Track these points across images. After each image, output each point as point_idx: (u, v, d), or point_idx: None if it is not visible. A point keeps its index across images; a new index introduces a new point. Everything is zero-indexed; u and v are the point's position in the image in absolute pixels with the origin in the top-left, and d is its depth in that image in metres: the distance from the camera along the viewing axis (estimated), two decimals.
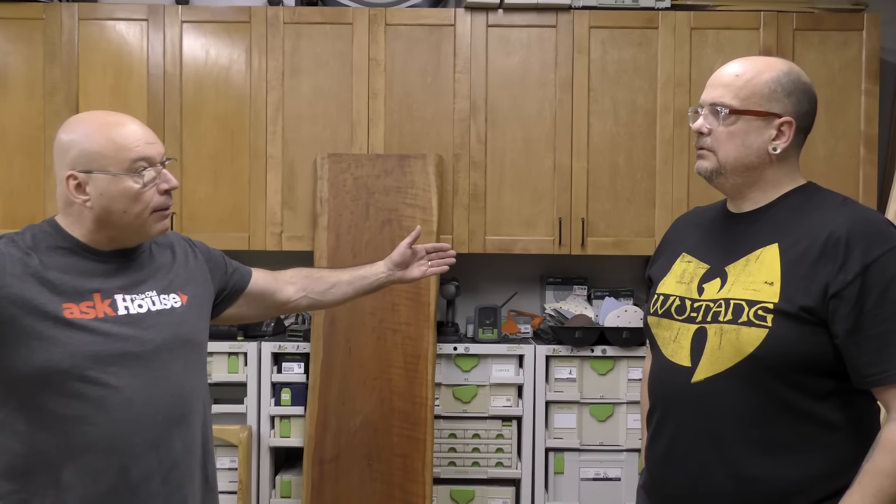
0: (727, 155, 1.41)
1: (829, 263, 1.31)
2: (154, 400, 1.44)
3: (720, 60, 2.85)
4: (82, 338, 1.38)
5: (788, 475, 1.33)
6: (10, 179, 2.93)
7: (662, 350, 1.47)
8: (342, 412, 2.69)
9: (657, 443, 1.47)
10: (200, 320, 1.60)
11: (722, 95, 1.40)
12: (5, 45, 2.93)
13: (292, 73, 2.90)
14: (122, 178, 1.42)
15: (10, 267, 1.37)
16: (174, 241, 1.65)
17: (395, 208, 2.80)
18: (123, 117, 1.50)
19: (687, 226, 1.61)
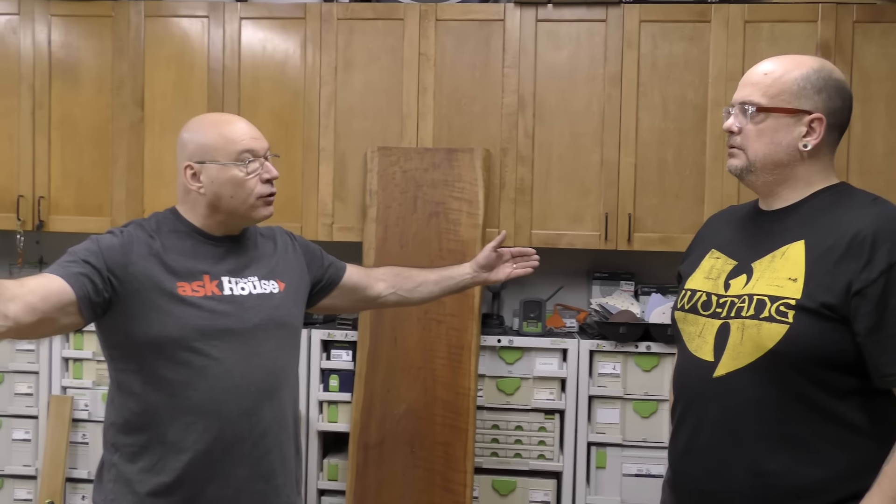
0: (756, 153, 1.42)
1: (854, 261, 1.30)
2: (249, 373, 1.60)
3: (775, 54, 2.78)
4: (191, 313, 1.56)
5: (807, 473, 1.34)
6: (80, 168, 3.10)
7: (688, 345, 1.48)
8: (387, 399, 2.76)
9: (679, 437, 1.49)
10: (295, 306, 1.75)
11: (751, 94, 1.42)
12: (77, 41, 3.09)
13: (345, 68, 2.98)
14: (230, 167, 1.61)
15: (136, 248, 1.57)
16: (277, 233, 1.83)
17: (441, 201, 2.85)
18: (233, 117, 1.71)
19: (719, 223, 1.62)
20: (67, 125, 3.10)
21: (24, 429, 3.02)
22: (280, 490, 1.67)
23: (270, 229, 1.83)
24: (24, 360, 3.03)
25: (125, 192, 3.05)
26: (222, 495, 1.59)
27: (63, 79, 3.09)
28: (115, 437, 1.62)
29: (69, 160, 3.09)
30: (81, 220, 3.08)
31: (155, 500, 1.56)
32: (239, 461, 1.60)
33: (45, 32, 3.09)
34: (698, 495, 1.45)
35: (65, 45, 3.09)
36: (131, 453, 1.60)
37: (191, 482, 1.57)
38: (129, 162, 3.05)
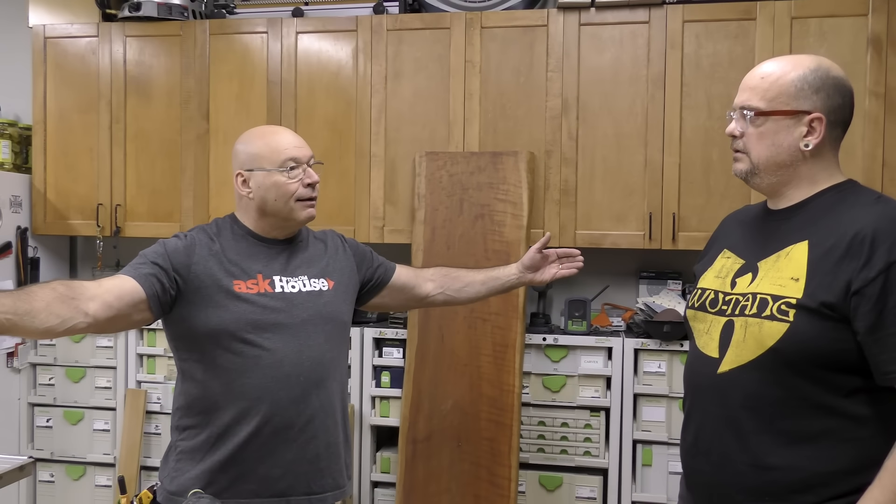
0: (759, 155, 1.45)
1: (854, 260, 1.32)
2: (298, 363, 1.75)
3: (823, 50, 2.77)
4: (245, 308, 1.72)
5: (808, 467, 1.36)
6: (152, 178, 3.33)
7: (696, 342, 1.53)
8: (434, 395, 2.86)
9: (687, 432, 1.54)
10: (344, 303, 1.89)
11: (749, 98, 1.45)
12: (150, 59, 3.32)
13: (394, 77, 3.10)
14: (274, 174, 1.78)
15: (198, 250, 1.75)
16: (329, 236, 1.98)
17: (487, 203, 2.93)
18: (279, 129, 1.89)
19: (732, 223, 1.65)
20: (141, 138, 3.33)
21: (103, 420, 3.26)
22: (324, 472, 1.80)
23: (324, 233, 1.99)
24: (104, 356, 3.27)
25: (192, 199, 3.27)
26: (271, 475, 1.73)
27: (137, 95, 3.33)
28: (179, 419, 1.80)
29: (143, 170, 3.33)
30: (154, 225, 3.31)
31: (211, 475, 1.71)
32: (286, 444, 1.74)
33: (121, 52, 3.34)
34: (706, 487, 1.49)
35: (138, 64, 3.33)
36: (192, 434, 1.77)
37: (243, 461, 1.72)
38: (196, 171, 3.26)
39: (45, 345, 3.32)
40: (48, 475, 3.31)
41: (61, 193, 3.39)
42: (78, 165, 3.38)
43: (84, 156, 3.37)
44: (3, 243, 3.21)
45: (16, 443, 3.28)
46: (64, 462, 3.30)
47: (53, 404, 3.31)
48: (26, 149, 3.51)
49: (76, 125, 3.38)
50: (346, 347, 1.94)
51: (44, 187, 3.39)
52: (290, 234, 1.86)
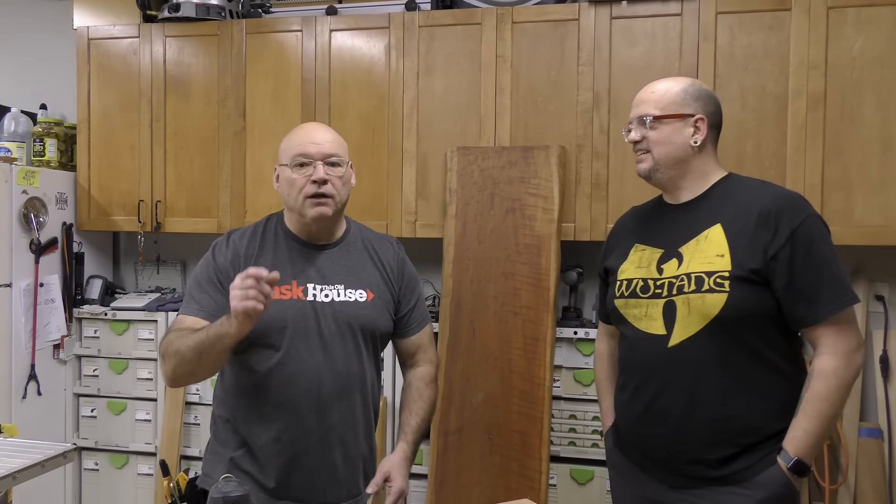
0: (660, 153, 1.74)
1: (765, 232, 1.62)
2: (321, 374, 1.74)
3: (860, 40, 2.73)
4: (275, 314, 1.71)
5: (755, 413, 1.64)
6: (191, 175, 3.41)
7: (636, 325, 1.74)
8: (466, 388, 2.88)
9: (635, 404, 1.75)
10: (381, 317, 1.84)
11: (645, 109, 1.76)
12: (189, 58, 3.40)
13: (426, 73, 3.13)
14: (286, 168, 1.79)
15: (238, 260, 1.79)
16: (388, 247, 1.93)
17: (518, 198, 2.95)
18: (308, 125, 1.88)
19: (631, 222, 1.92)
20: (180, 136, 3.41)
21: (145, 410, 3.36)
22: (341, 483, 1.80)
23: (387, 239, 1.96)
24: (145, 348, 3.37)
25: (229, 195, 3.34)
26: (289, 481, 1.75)
27: (176, 94, 3.41)
28: (216, 407, 1.87)
29: (182, 167, 3.41)
30: (192, 221, 3.39)
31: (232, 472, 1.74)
32: (305, 453, 1.75)
33: (161, 52, 3.42)
34: (661, 449, 1.71)
35: (178, 63, 3.41)
36: (224, 426, 1.82)
37: (262, 464, 1.76)
38: (233, 167, 3.33)
39: (89, 337, 3.42)
40: (93, 463, 3.42)
41: (104, 190, 3.50)
42: (120, 163, 3.48)
43: (126, 153, 3.47)
44: (50, 239, 3.32)
45: (62, 432, 3.40)
46: (108, 451, 3.41)
47: (98, 395, 3.41)
48: (71, 147, 3.62)
49: (118, 124, 3.48)
50: (376, 361, 1.88)
51: (88, 184, 3.50)
52: (325, 235, 1.84)
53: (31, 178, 3.23)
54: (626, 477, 1.83)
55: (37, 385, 3.24)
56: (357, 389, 1.80)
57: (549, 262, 2.86)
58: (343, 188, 1.81)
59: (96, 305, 3.49)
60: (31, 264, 3.23)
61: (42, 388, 3.26)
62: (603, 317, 2.01)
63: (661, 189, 1.83)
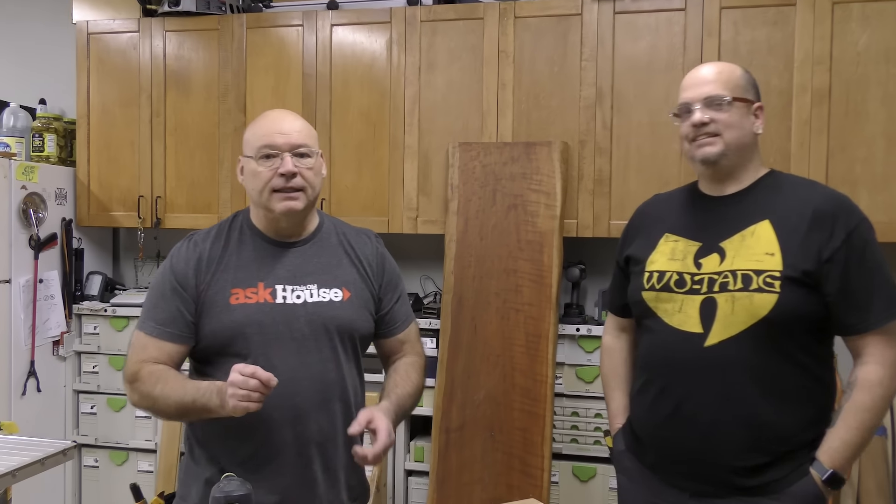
0: (731, 137, 1.60)
1: (819, 233, 1.54)
2: (295, 382, 1.59)
3: (866, 35, 2.71)
4: (240, 320, 1.60)
5: (791, 420, 1.55)
6: (191, 171, 3.39)
7: (667, 321, 1.63)
8: (467, 385, 2.87)
9: (661, 405, 1.63)
10: (359, 317, 1.69)
11: (714, 89, 1.62)
12: (189, 53, 3.38)
13: (428, 68, 3.11)
14: (251, 160, 1.64)
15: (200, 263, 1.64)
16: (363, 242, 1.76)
17: (520, 194, 2.93)
18: (274, 113, 1.70)
19: (658, 209, 1.79)
20: (180, 131, 3.40)
21: None
22: (322, 498, 1.65)
23: (365, 233, 1.80)
24: None
25: (230, 191, 3.32)
26: (267, 501, 1.59)
27: (176, 89, 3.39)
28: (188, 425, 1.72)
29: (182, 163, 3.39)
30: (192, 217, 3.37)
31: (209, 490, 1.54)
32: (282, 469, 1.61)
33: (161, 47, 3.40)
34: (690, 453, 1.59)
35: (178, 58, 3.39)
36: (196, 444, 1.68)
37: None
38: (234, 163, 3.30)
39: (89, 333, 3.41)
40: (93, 460, 3.41)
41: (104, 186, 3.48)
42: (120, 158, 3.46)
43: (126, 149, 3.45)
44: (49, 235, 3.30)
45: (61, 429, 3.38)
46: (107, 448, 3.39)
47: (97, 391, 3.40)
48: (71, 142, 3.60)
49: (118, 119, 3.46)
50: (358, 364, 1.72)
51: (87, 180, 3.48)
52: (295, 232, 1.69)
53: (30, 174, 3.21)
54: (639, 483, 1.72)
55: (36, 382, 3.22)
56: (337, 396, 1.65)
57: (551, 259, 2.85)
58: (315, 180, 1.65)
59: (96, 302, 3.48)
60: (31, 260, 3.21)
61: (42, 385, 3.24)
62: (616, 309, 1.90)
63: (715, 179, 1.66)
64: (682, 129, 1.67)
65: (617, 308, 1.90)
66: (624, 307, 1.83)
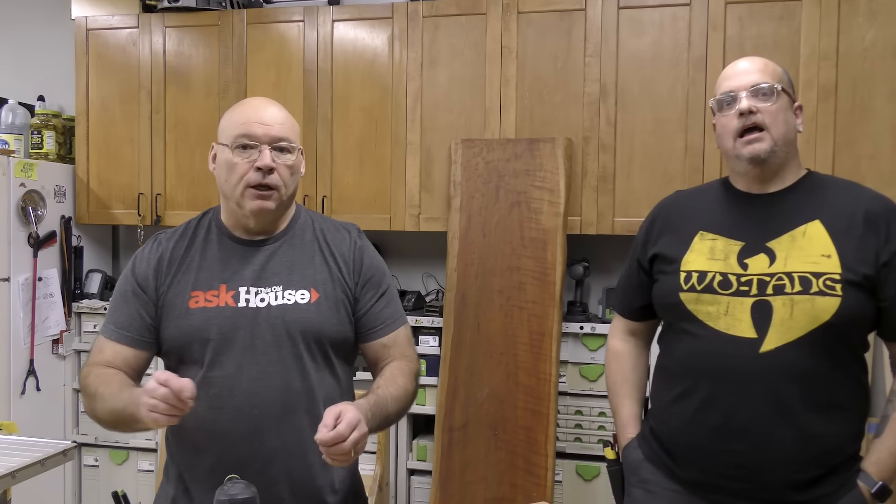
0: (779, 132, 1.51)
1: (874, 236, 1.47)
2: (253, 393, 1.46)
3: (872, 31, 2.68)
4: (196, 325, 1.48)
5: (841, 431, 1.48)
6: (192, 168, 3.36)
7: (711, 325, 1.51)
8: (470, 384, 2.85)
9: (708, 415, 1.50)
10: (329, 320, 1.52)
11: (761, 78, 1.52)
12: (189, 49, 3.35)
13: (430, 64, 3.08)
14: (226, 149, 1.50)
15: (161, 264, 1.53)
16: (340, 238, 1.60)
17: (523, 191, 2.90)
18: (256, 100, 1.57)
19: (685, 206, 1.67)
20: (180, 128, 3.37)
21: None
22: None
23: (345, 228, 1.64)
24: None
25: None
26: None
27: (176, 85, 3.36)
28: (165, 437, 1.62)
29: (182, 160, 3.36)
30: (193, 214, 3.24)
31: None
32: None
33: (161, 43, 3.37)
34: (740, 468, 1.48)
35: (178, 54, 3.36)
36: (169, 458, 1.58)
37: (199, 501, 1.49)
38: None
39: (88, 332, 3.38)
40: (93, 459, 3.39)
41: (103, 183, 3.45)
42: (119, 155, 3.43)
43: (125, 146, 3.42)
44: (48, 233, 3.27)
45: (61, 428, 3.36)
46: (108, 447, 3.37)
47: None
48: (70, 140, 3.57)
49: (117, 116, 3.43)
50: (331, 372, 1.54)
51: (86, 177, 3.46)
52: (264, 230, 1.55)
53: (29, 171, 3.18)
54: (662, 497, 1.59)
55: (36, 381, 3.20)
56: (303, 409, 1.48)
57: (554, 256, 2.82)
58: (291, 179, 1.52)
59: (96, 300, 3.45)
60: (30, 258, 3.18)
61: (41, 384, 3.22)
62: (628, 311, 1.77)
63: (760, 179, 1.54)
64: (724, 122, 1.55)
65: (630, 310, 1.77)
66: (641, 309, 1.73)
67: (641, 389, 1.80)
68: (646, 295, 1.69)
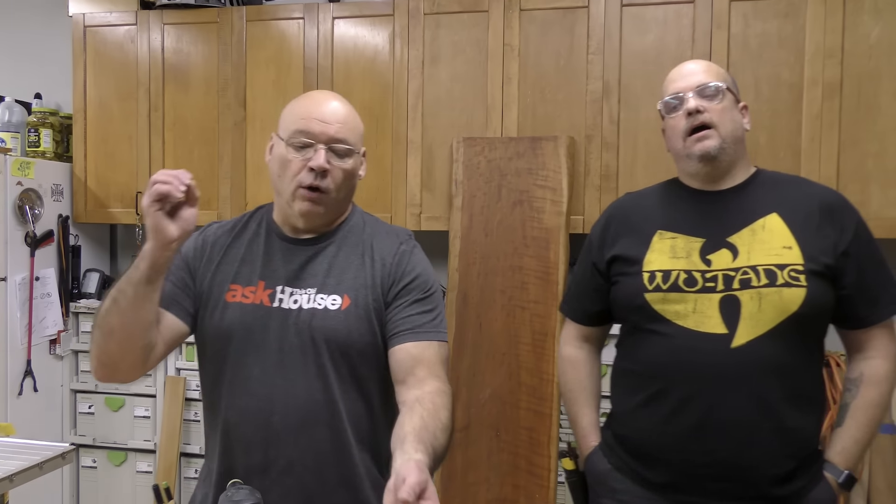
0: (727, 129, 1.54)
1: (830, 226, 1.50)
2: (272, 399, 1.39)
3: (878, 28, 2.66)
4: (231, 320, 1.42)
5: (813, 423, 1.51)
6: (190, 166, 3.32)
7: (680, 323, 1.49)
8: (472, 384, 2.82)
9: (684, 417, 1.48)
10: (356, 329, 1.41)
11: (706, 79, 1.56)
12: (187, 46, 3.32)
13: (432, 62, 3.05)
14: (282, 143, 1.43)
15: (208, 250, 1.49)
16: (395, 242, 1.49)
17: (526, 189, 2.88)
18: (318, 94, 1.51)
19: (639, 207, 1.68)
20: (179, 126, 3.34)
21: (144, 406, 3.29)
22: None
23: (395, 232, 1.53)
24: None
25: (230, 187, 3.26)
26: None
27: (175, 83, 3.33)
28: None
29: (181, 158, 3.33)
30: None
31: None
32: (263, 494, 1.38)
33: (159, 40, 3.34)
34: (718, 467, 1.46)
35: (176, 52, 3.33)
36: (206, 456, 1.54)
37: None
38: (233, 158, 3.26)
39: (86, 332, 3.35)
40: (90, 461, 3.35)
41: (101, 182, 3.42)
42: (117, 154, 3.40)
43: (123, 144, 3.39)
44: (45, 231, 3.24)
45: (59, 429, 3.33)
46: (106, 448, 3.34)
47: (95, 391, 3.34)
48: (67, 138, 3.54)
49: (115, 114, 3.40)
50: (358, 386, 1.42)
51: (84, 176, 3.42)
52: (311, 230, 1.47)
53: (25, 170, 3.15)
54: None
55: (33, 381, 3.16)
56: (323, 421, 1.39)
57: (557, 256, 2.80)
58: (345, 183, 1.44)
59: (93, 299, 3.42)
60: (27, 258, 3.15)
61: (38, 385, 3.18)
62: (581, 317, 1.75)
63: (711, 178, 1.57)
64: (672, 124, 1.57)
65: (584, 315, 1.75)
66: (596, 314, 1.71)
67: (598, 396, 1.77)
68: (603, 299, 1.67)
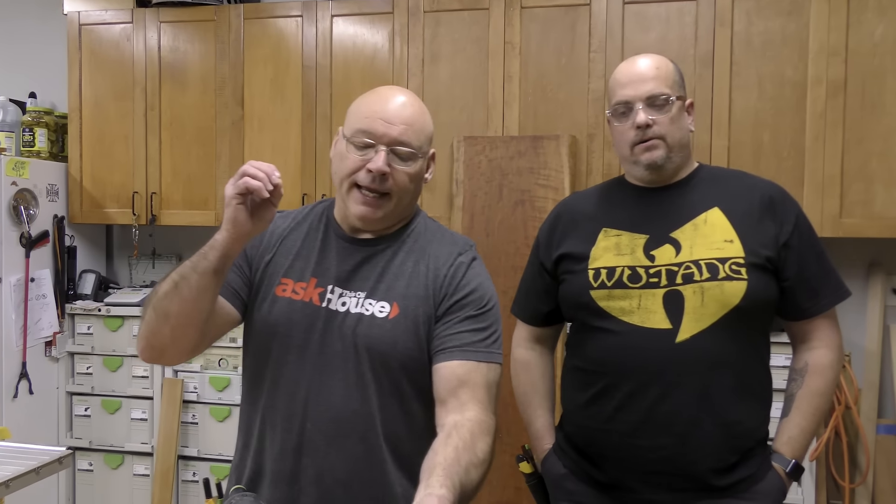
0: (674, 139, 1.53)
1: (770, 219, 1.51)
2: (309, 405, 1.33)
3: (882, 26, 2.64)
4: (279, 315, 1.36)
5: (756, 416, 1.51)
6: (187, 165, 3.29)
7: (625, 319, 1.50)
8: None
9: (629, 412, 1.48)
10: (402, 340, 1.33)
11: (656, 87, 1.53)
12: (184, 45, 3.29)
13: (432, 60, 3.03)
14: (343, 141, 1.37)
15: (267, 237, 1.42)
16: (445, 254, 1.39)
17: (527, 189, 2.85)
18: (388, 91, 1.41)
19: (583, 207, 1.66)
20: (176, 125, 3.30)
21: (140, 409, 3.25)
22: None
23: (455, 242, 1.44)
24: None
25: None
26: None
27: (172, 81, 3.30)
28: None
29: (178, 158, 3.30)
30: (189, 213, 3.28)
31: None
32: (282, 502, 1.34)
33: (156, 38, 3.30)
34: (654, 463, 1.47)
35: (173, 50, 3.30)
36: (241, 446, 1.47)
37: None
38: (231, 158, 3.22)
39: (82, 333, 3.31)
40: (87, 464, 3.32)
41: (97, 182, 3.38)
42: (113, 153, 3.36)
43: (119, 143, 3.35)
44: (41, 232, 3.20)
45: (55, 432, 3.29)
46: (102, 451, 3.30)
47: (91, 393, 3.31)
48: (62, 137, 3.50)
49: (111, 113, 3.36)
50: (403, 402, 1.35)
51: (80, 176, 3.39)
52: (370, 230, 1.40)
53: (20, 169, 3.11)
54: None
55: (28, 384, 3.13)
56: (358, 435, 1.31)
57: None
58: (408, 186, 1.35)
59: (89, 301, 3.38)
60: (22, 258, 3.11)
61: (34, 387, 3.14)
62: (531, 318, 1.73)
63: (655, 182, 1.57)
64: (621, 130, 1.55)
65: (535, 316, 1.73)
66: (547, 315, 1.70)
67: (552, 398, 1.76)
68: (553, 299, 1.66)
